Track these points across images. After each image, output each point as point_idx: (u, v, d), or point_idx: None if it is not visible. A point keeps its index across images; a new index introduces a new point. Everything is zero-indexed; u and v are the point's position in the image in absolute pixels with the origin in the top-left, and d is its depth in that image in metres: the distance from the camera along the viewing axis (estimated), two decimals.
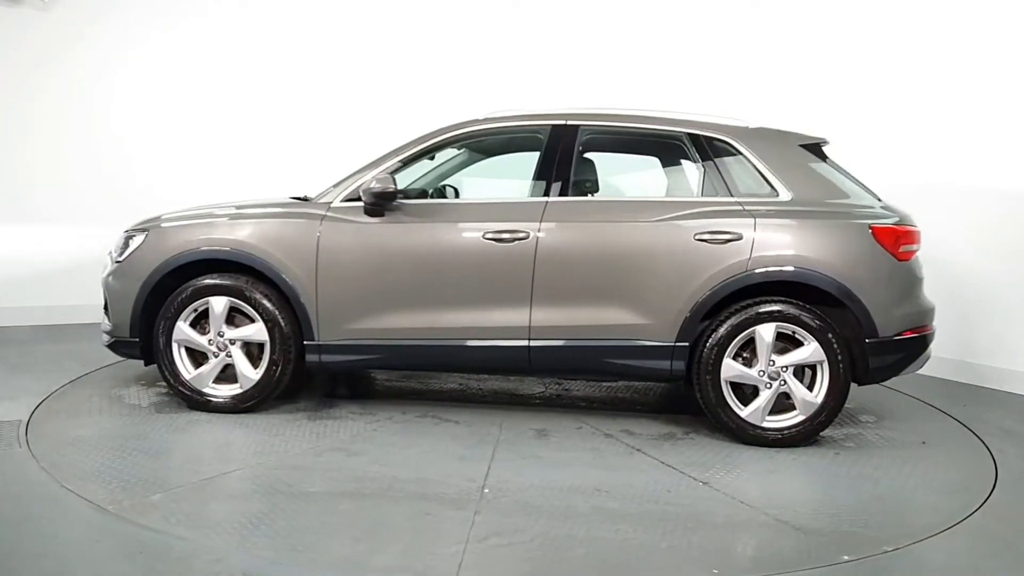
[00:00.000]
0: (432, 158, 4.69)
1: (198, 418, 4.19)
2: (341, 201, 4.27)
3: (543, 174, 4.29)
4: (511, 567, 2.76)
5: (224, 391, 4.30)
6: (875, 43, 6.15)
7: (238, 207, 4.46)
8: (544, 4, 7.52)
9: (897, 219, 4.17)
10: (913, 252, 4.19)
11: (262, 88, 7.08)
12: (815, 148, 4.37)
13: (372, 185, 4.12)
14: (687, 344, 4.12)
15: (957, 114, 5.66)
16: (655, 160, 4.84)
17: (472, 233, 4.16)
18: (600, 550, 2.91)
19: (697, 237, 4.08)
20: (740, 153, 4.26)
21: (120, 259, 4.38)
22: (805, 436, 4.10)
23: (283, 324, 4.22)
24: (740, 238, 4.07)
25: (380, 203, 4.15)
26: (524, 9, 7.37)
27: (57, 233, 6.54)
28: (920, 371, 4.40)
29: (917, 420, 4.77)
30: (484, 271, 4.16)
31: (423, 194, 4.74)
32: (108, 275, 4.42)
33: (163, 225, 4.39)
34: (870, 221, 4.10)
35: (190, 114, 6.90)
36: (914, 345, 4.18)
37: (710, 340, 4.08)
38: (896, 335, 4.10)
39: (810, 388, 4.08)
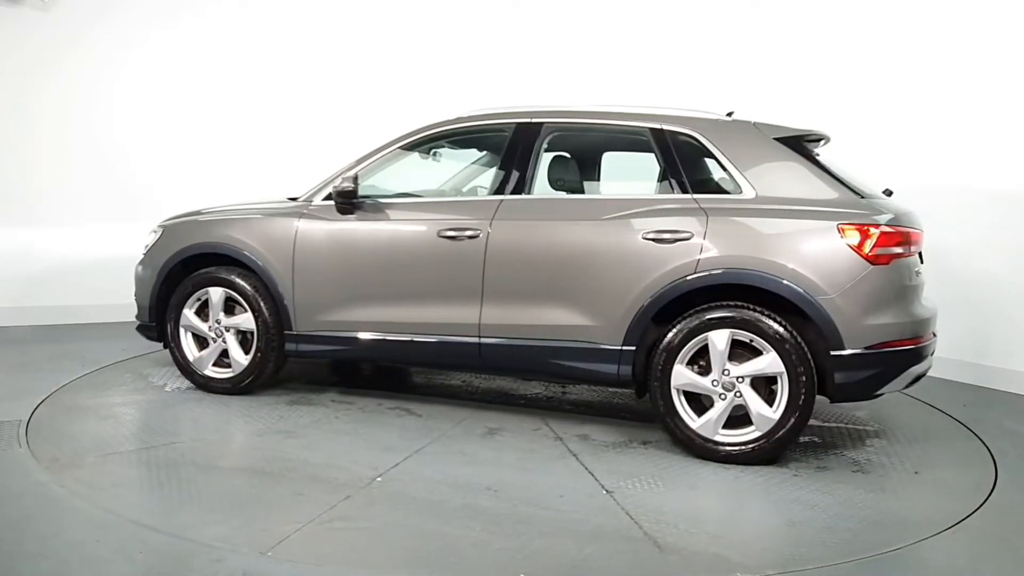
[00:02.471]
0: (435, 154, 4.85)
1: (191, 397, 4.61)
2: (320, 200, 4.53)
3: (503, 172, 4.29)
4: (328, 548, 2.83)
5: (221, 374, 4.70)
6: (877, 42, 6.07)
7: (238, 206, 4.85)
8: (544, 4, 7.45)
9: (886, 219, 3.73)
10: (896, 255, 3.71)
11: (263, 87, 7.16)
12: (794, 142, 4.01)
13: (336, 184, 4.35)
14: (633, 348, 3.94)
15: (965, 113, 5.61)
16: (624, 157, 4.67)
17: (428, 231, 4.25)
18: (429, 543, 2.91)
19: (645, 236, 3.90)
20: (704, 148, 4.01)
21: (145, 251, 4.92)
22: (762, 454, 3.78)
23: (267, 314, 4.55)
24: (690, 238, 3.84)
25: (345, 201, 4.36)
26: (524, 9, 7.32)
27: (57, 233, 6.62)
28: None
29: (926, 443, 4.32)
30: (438, 268, 4.23)
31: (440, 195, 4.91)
32: (137, 264, 4.97)
33: (176, 221, 4.89)
34: (838, 221, 3.70)
35: (191, 113, 6.96)
36: (893, 360, 3.73)
37: (661, 345, 3.88)
38: (869, 348, 3.67)
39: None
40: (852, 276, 3.66)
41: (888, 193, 4.27)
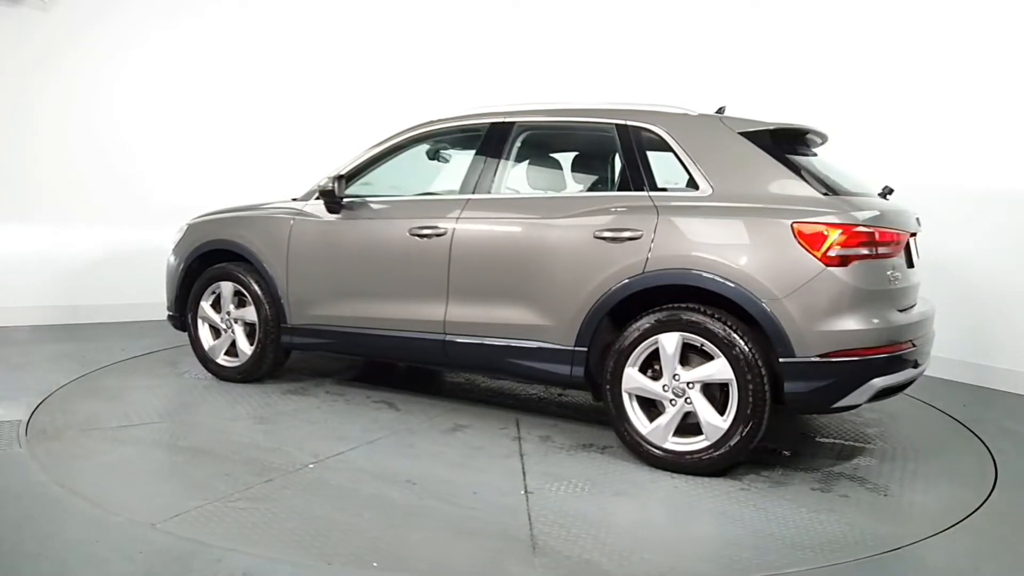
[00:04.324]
0: (438, 154, 4.96)
1: (203, 384, 4.92)
2: (313, 201, 4.73)
3: (473, 171, 4.31)
4: (216, 524, 2.94)
5: (229, 363, 5.00)
6: (878, 42, 6.02)
7: (250, 206, 5.14)
8: (545, 4, 7.33)
9: (853, 218, 3.44)
10: (860, 257, 3.42)
11: (263, 86, 7.18)
12: (762, 137, 3.77)
13: (320, 184, 4.53)
14: (585, 349, 3.85)
15: (967, 113, 5.54)
16: (597, 153, 4.54)
17: (401, 229, 4.34)
18: (309, 526, 2.97)
19: (597, 235, 3.80)
20: (666, 143, 3.86)
21: (173, 247, 5.32)
22: (711, 464, 3.58)
23: (267, 308, 4.80)
24: (640, 236, 3.70)
25: (329, 200, 4.53)
26: (524, 8, 7.18)
27: (58, 233, 6.66)
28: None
29: (923, 459, 4.03)
30: (408, 266, 4.31)
31: None
32: (168, 258, 5.38)
33: (199, 219, 5.24)
34: (792, 220, 3.45)
35: (192, 113, 6.99)
36: (852, 370, 3.42)
37: (614, 347, 3.77)
38: (823, 356, 3.40)
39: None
40: (804, 278, 3.40)
41: (888, 191, 3.95)
